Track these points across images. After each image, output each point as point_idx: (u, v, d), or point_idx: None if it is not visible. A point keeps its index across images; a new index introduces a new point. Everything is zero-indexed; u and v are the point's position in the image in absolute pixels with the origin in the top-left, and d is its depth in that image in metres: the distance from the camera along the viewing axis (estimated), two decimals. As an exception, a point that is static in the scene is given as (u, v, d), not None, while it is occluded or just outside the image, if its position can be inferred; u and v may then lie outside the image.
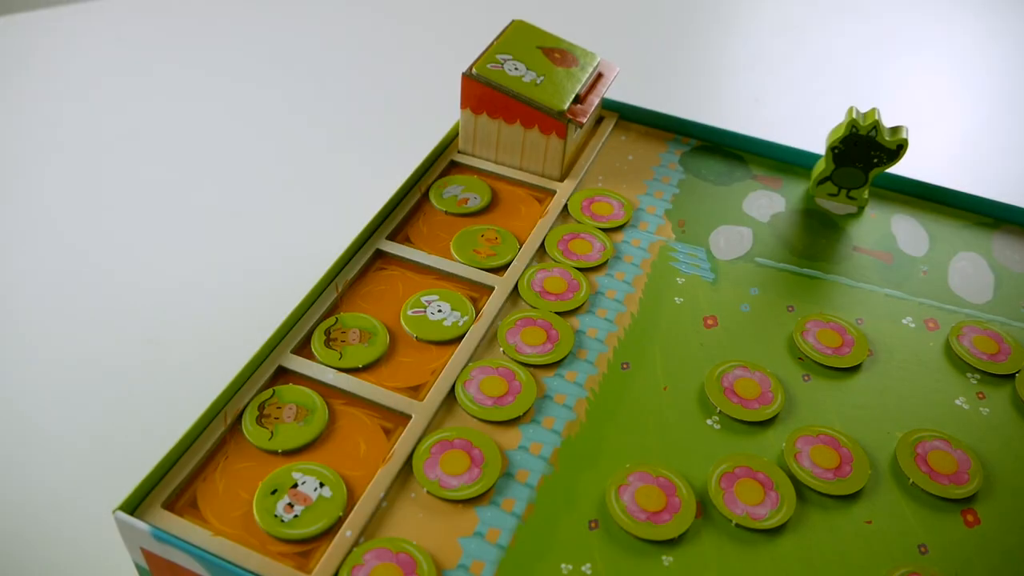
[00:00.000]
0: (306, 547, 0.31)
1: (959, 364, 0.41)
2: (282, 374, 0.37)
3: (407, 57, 0.75)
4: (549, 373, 0.38)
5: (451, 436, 0.35)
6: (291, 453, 0.34)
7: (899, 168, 0.50)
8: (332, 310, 0.40)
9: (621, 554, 0.32)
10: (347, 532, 0.31)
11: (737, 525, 0.33)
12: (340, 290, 0.41)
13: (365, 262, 0.43)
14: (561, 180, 0.49)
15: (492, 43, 0.48)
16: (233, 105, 0.68)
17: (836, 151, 0.47)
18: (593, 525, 0.33)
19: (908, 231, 0.48)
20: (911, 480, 0.35)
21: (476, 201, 0.47)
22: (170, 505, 0.32)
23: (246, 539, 0.31)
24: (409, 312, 0.40)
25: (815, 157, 0.51)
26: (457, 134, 0.51)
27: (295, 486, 0.33)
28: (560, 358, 0.39)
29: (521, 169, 0.49)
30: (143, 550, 0.31)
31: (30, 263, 0.53)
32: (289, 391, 0.36)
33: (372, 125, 0.67)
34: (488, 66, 0.46)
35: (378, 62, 0.74)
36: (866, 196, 0.49)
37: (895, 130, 0.47)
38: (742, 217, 0.48)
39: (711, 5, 0.89)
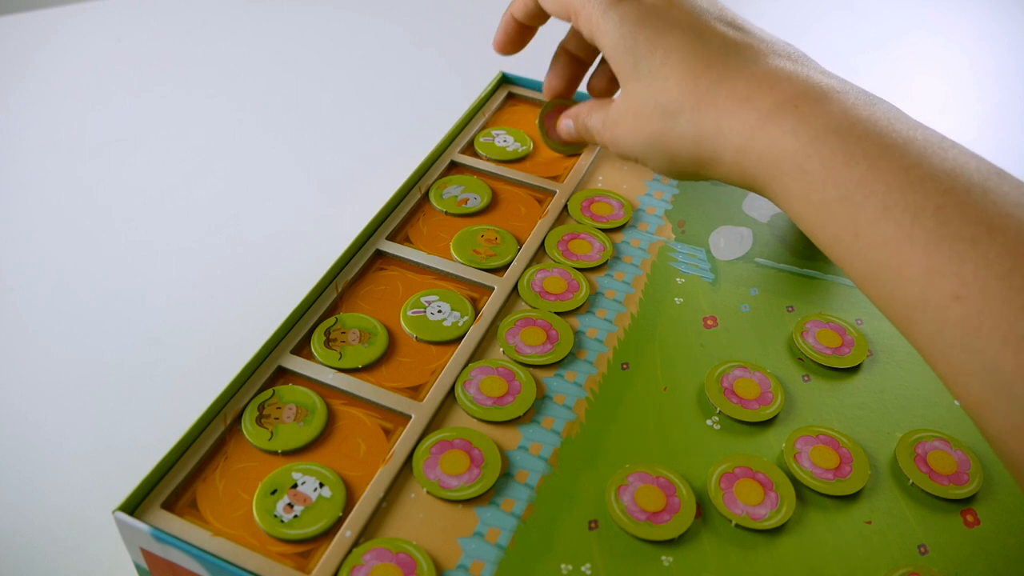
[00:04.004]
0: (306, 547, 0.31)
1: (959, 364, 0.40)
2: (282, 374, 0.37)
3: (407, 57, 0.75)
4: (549, 373, 0.38)
5: (451, 436, 0.35)
6: (291, 453, 0.34)
7: (899, 168, 0.50)
8: (332, 310, 0.40)
9: (621, 554, 0.32)
10: (347, 532, 0.31)
11: (737, 525, 0.33)
12: (340, 290, 0.41)
13: (365, 262, 0.42)
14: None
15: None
16: (233, 105, 0.68)
17: (836, 151, 0.47)
18: (593, 525, 0.33)
19: (908, 231, 0.48)
20: (911, 480, 0.35)
21: (476, 201, 0.47)
22: (170, 505, 0.32)
23: (246, 539, 0.31)
24: (409, 312, 0.40)
25: (815, 157, 0.51)
26: (458, 133, 0.51)
27: (295, 486, 0.33)
28: (560, 358, 0.39)
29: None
30: (143, 550, 0.31)
31: (29, 263, 0.53)
32: (289, 391, 0.36)
33: (372, 125, 0.67)
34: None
35: (378, 62, 0.74)
36: (866, 196, 0.49)
37: (895, 130, 0.47)
38: (742, 217, 0.48)
39: (711, 5, 0.89)
